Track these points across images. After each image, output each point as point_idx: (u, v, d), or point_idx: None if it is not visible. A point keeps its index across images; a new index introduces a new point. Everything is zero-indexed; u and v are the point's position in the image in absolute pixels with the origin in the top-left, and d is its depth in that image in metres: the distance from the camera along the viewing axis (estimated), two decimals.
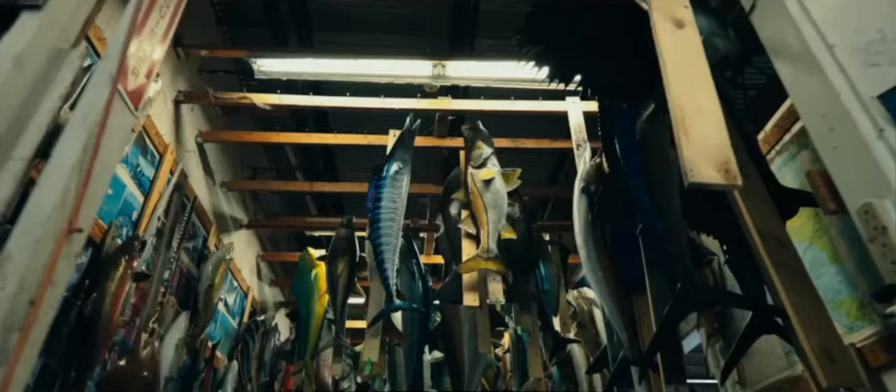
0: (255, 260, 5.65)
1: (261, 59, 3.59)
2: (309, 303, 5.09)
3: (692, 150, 0.96)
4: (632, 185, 2.46)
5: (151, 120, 3.25)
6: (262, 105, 3.69)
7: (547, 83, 2.24)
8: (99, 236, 2.73)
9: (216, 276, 4.06)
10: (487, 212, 3.59)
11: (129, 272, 2.74)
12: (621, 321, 2.80)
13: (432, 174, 4.58)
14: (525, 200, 4.26)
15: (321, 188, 4.69)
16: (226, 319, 4.85)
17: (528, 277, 4.13)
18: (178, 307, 3.63)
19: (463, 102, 3.92)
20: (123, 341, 3.01)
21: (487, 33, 4.16)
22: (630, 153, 2.51)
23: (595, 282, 2.97)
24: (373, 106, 3.78)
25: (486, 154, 3.84)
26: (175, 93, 3.65)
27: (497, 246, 3.45)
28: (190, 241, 3.97)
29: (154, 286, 3.21)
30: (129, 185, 3.06)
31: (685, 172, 0.94)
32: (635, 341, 2.75)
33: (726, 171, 0.93)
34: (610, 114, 2.55)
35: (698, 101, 1.02)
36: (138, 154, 3.17)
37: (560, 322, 4.87)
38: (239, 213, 5.05)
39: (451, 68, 3.73)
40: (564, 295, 5.21)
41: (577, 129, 3.71)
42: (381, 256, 3.38)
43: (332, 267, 4.40)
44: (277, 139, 4.15)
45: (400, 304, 3.32)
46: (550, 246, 5.22)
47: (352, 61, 3.66)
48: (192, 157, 3.97)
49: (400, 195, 3.61)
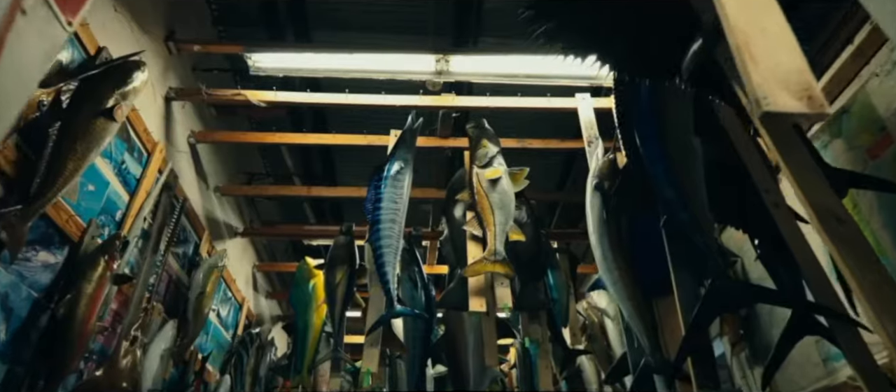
0: (250, 270, 5.43)
1: (256, 53, 3.43)
2: (306, 314, 4.88)
3: (761, 75, 0.77)
4: (653, 173, 2.26)
5: (138, 115, 3.08)
6: (257, 101, 3.52)
7: (562, 59, 2.05)
8: (76, 235, 2.54)
9: (208, 284, 3.84)
10: (494, 212, 3.38)
11: (108, 274, 2.53)
12: (642, 325, 2.58)
13: (435, 178, 4.39)
14: (532, 204, 4.07)
15: (319, 192, 4.50)
16: (218, 331, 4.62)
17: (536, 284, 3.89)
18: (165, 315, 3.42)
19: (467, 99, 3.75)
20: (102, 349, 2.79)
21: (492, 33, 4.00)
22: (650, 140, 2.32)
23: (611, 283, 2.75)
24: (373, 103, 3.61)
25: (492, 153, 3.65)
26: (166, 89, 3.49)
27: (504, 248, 3.25)
28: (180, 246, 3.77)
29: (138, 291, 3.00)
30: (112, 183, 2.87)
31: (756, 102, 0.75)
32: (658, 347, 2.53)
33: (809, 98, 0.74)
34: (628, 98, 2.36)
35: (762, 22, 0.84)
36: (123, 150, 2.99)
37: (570, 334, 4.63)
38: (234, 220, 4.85)
39: (455, 64, 3.57)
40: (574, 305, 4.98)
41: (587, 126, 3.52)
42: (382, 259, 3.17)
43: (330, 276, 4.20)
44: (273, 140, 3.98)
45: (401, 310, 3.11)
46: (559, 254, 5.02)
47: (351, 56, 3.50)
48: (183, 158, 3.79)
49: (401, 195, 3.41)
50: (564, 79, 3.68)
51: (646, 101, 2.33)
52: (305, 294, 4.88)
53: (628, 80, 2.27)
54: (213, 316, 4.48)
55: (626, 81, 2.31)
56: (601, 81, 3.70)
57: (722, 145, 2.36)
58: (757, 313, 3.02)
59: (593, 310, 5.33)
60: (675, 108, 2.28)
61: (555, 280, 4.87)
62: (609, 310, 4.96)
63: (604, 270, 2.81)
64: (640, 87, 2.23)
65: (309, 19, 3.93)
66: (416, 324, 3.85)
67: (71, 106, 2.35)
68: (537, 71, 3.67)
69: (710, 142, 2.32)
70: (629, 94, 2.34)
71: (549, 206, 5.40)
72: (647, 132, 2.32)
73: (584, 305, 5.44)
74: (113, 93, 2.50)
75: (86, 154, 2.36)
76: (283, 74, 3.59)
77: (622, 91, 2.37)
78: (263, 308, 5.90)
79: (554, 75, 3.67)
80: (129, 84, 2.59)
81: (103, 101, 2.44)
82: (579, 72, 3.71)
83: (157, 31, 3.38)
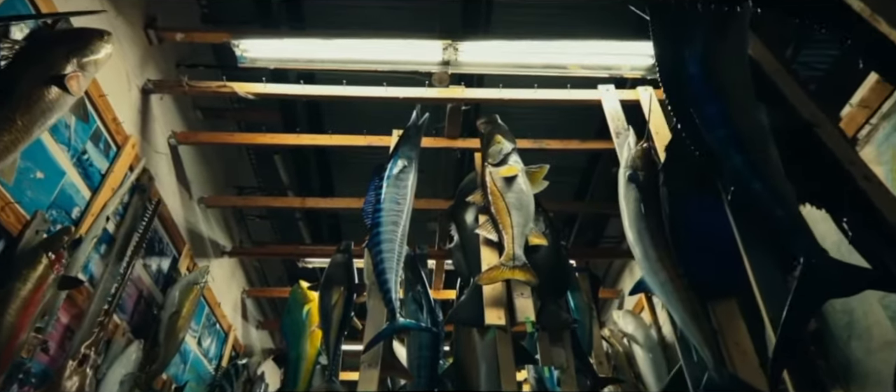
0: (239, 296, 4.95)
1: (246, 39, 3.09)
2: (299, 344, 4.42)
3: None
4: (715, 139, 1.85)
5: (107, 101, 2.71)
6: (245, 94, 3.16)
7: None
8: (15, 227, 2.12)
9: (185, 303, 3.38)
10: (511, 213, 2.95)
11: (51, 275, 2.10)
12: (700, 334, 2.11)
13: (442, 186, 3.98)
14: (550, 215, 3.64)
15: (315, 204, 4.08)
16: (199, 362, 4.11)
17: (558, 301, 3.40)
18: (130, 335, 2.95)
19: (478, 91, 3.38)
20: (45, 371, 2.32)
21: (503, 25, 3.68)
22: (706, 100, 1.92)
23: (659, 285, 2.30)
24: (373, 95, 3.24)
25: (507, 149, 3.25)
26: (143, 80, 3.13)
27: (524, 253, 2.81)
28: (153, 258, 3.33)
29: (95, 303, 2.55)
30: (69, 173, 2.47)
31: None
32: (722, 359, 2.05)
33: None
34: (675, 46, 1.96)
35: None
36: (86, 138, 2.60)
37: (595, 362, 4.10)
38: (221, 237, 4.42)
39: (465, 52, 3.22)
40: (598, 330, 4.47)
41: (614, 117, 3.13)
42: (382, 266, 2.73)
43: (325, 298, 3.77)
44: (263, 141, 3.59)
45: (405, 323, 2.65)
46: (578, 273, 4.55)
47: (349, 43, 3.16)
48: (163, 161, 3.40)
49: (404, 196, 3.01)
50: (585, 70, 3.33)
51: (699, 48, 1.93)
52: (299, 321, 4.44)
53: (676, 18, 1.89)
54: (193, 343, 3.99)
55: (671, 22, 1.92)
56: (623, 72, 3.35)
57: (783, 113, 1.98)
58: (829, 325, 2.53)
59: (617, 337, 4.81)
60: (733, 56, 1.90)
61: (575, 302, 4.39)
62: (637, 335, 4.44)
63: (647, 271, 2.36)
64: (691, 27, 1.84)
65: (304, 10, 3.62)
66: (422, 348, 3.39)
67: (12, 67, 1.97)
68: (555, 60, 3.31)
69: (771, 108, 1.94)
70: (676, 40, 1.94)
71: (567, 220, 4.95)
72: (702, 91, 1.92)
73: (606, 332, 4.92)
74: (68, 59, 2.13)
75: (27, 128, 1.97)
76: (275, 65, 3.24)
77: (666, 34, 1.98)
78: (253, 339, 5.38)
79: (573, 66, 3.31)
80: (89, 54, 2.22)
81: (55, 66, 2.07)
82: (601, 61, 3.37)
83: (135, 17, 3.06)
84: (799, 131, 1.95)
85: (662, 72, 2.04)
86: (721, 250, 2.24)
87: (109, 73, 2.75)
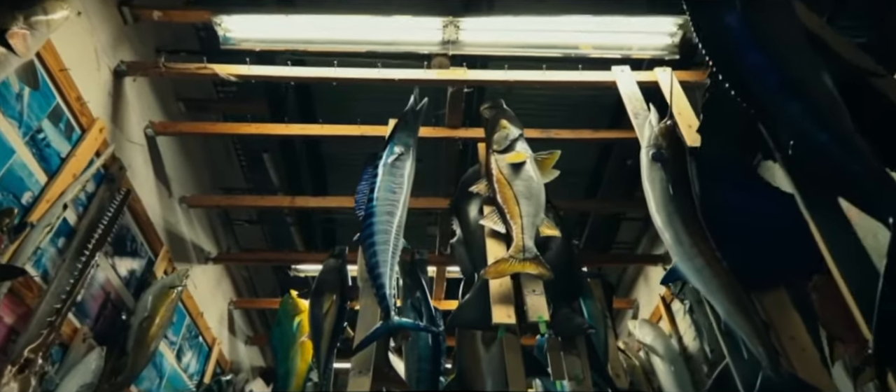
0: (226, 307, 4.61)
1: (229, 15, 2.84)
2: (289, 359, 4.10)
3: None
4: (765, 89, 1.56)
5: (69, 78, 2.44)
6: (227, 76, 2.89)
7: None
8: None
9: (160, 309, 3.04)
10: (520, 203, 2.65)
11: None
12: (749, 325, 1.78)
13: (443, 181, 3.68)
14: (561, 213, 3.34)
15: (305, 203, 3.78)
16: (177, 377, 3.75)
17: (572, 305, 3.06)
18: (92, 341, 2.62)
19: (481, 73, 3.11)
20: None
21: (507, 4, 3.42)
22: (751, 49, 1.64)
23: (694, 272, 1.98)
24: (367, 77, 2.97)
25: (513, 135, 2.96)
26: (116, 61, 2.87)
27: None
28: (124, 258, 3.02)
29: (46, 301, 2.23)
30: (19, 151, 2.18)
31: None
32: (776, 355, 1.72)
33: None
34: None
35: None
36: (43, 115, 2.32)
37: (613, 374, 3.75)
38: (206, 242, 4.11)
39: (467, 30, 2.96)
40: (614, 341, 4.12)
41: (631, 98, 2.85)
42: (375, 259, 2.42)
43: (316, 306, 3.46)
44: (248, 131, 3.31)
45: (401, 322, 2.33)
46: (590, 279, 4.22)
47: (341, 20, 2.92)
48: (138, 152, 3.12)
49: (401, 185, 2.71)
50: (597, 50, 3.06)
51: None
52: (289, 334, 4.13)
53: None
54: (170, 356, 3.65)
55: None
56: (636, 53, 3.09)
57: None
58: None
59: (633, 349, 4.45)
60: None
61: (589, 310, 4.05)
62: (657, 345, 4.08)
63: (681, 256, 2.04)
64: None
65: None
66: (422, 361, 3.07)
67: None
68: (565, 40, 3.06)
69: None
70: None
71: (577, 222, 4.62)
72: (745, 39, 1.63)
73: (621, 344, 4.56)
74: (13, 15, 1.87)
75: None
76: (262, 47, 2.98)
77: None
78: (242, 355, 5.01)
79: (585, 45, 3.05)
80: (40, 12, 1.97)
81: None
82: (615, 41, 3.11)
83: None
84: (853, 86, 1.67)
85: (700, 25, 1.76)
86: (763, 234, 1.94)
87: (74, 46, 2.49)
